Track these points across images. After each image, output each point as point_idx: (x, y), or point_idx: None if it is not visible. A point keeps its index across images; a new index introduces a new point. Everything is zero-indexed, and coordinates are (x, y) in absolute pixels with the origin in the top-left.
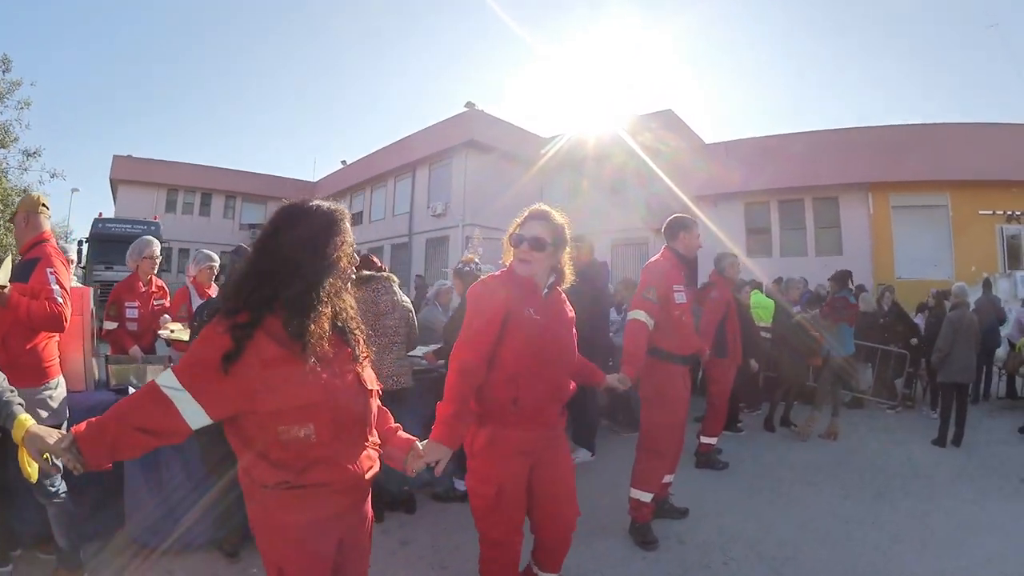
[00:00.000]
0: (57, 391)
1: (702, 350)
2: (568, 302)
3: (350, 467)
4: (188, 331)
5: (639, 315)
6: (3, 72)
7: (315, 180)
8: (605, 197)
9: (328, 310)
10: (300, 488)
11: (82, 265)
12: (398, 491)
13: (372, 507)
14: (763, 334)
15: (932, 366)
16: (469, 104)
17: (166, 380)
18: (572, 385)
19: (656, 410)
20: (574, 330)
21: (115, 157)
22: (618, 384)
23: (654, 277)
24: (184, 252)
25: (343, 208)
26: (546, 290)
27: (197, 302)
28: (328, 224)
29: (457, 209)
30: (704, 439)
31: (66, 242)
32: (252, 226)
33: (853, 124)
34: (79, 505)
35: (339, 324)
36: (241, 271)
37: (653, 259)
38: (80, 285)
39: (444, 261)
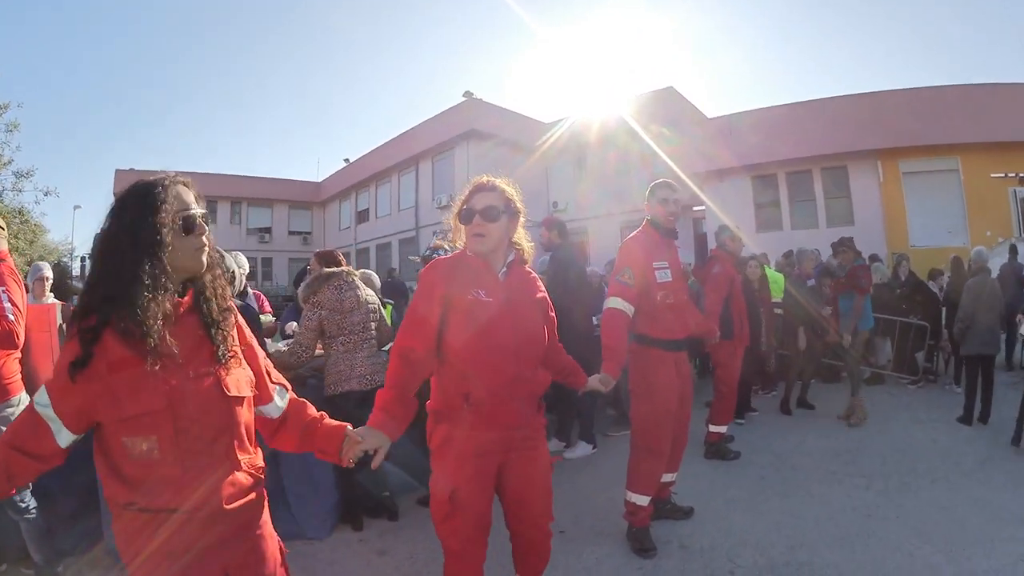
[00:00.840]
0: (19, 408)
1: (710, 331)
2: (539, 283)
3: (201, 492)
4: None
5: (614, 303)
6: None
7: (319, 180)
8: (610, 180)
9: (164, 299)
10: (149, 512)
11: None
12: (379, 496)
13: (350, 514)
14: (775, 310)
15: (955, 338)
16: (467, 93)
17: (39, 397)
18: (544, 377)
19: (644, 402)
20: (551, 314)
21: (117, 171)
22: (600, 386)
23: (629, 256)
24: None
25: (167, 174)
26: (504, 269)
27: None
28: (139, 199)
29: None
30: (712, 427)
31: (69, 260)
32: (261, 230)
33: (858, 91)
34: (55, 519)
35: (205, 318)
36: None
37: (631, 235)
38: (54, 301)
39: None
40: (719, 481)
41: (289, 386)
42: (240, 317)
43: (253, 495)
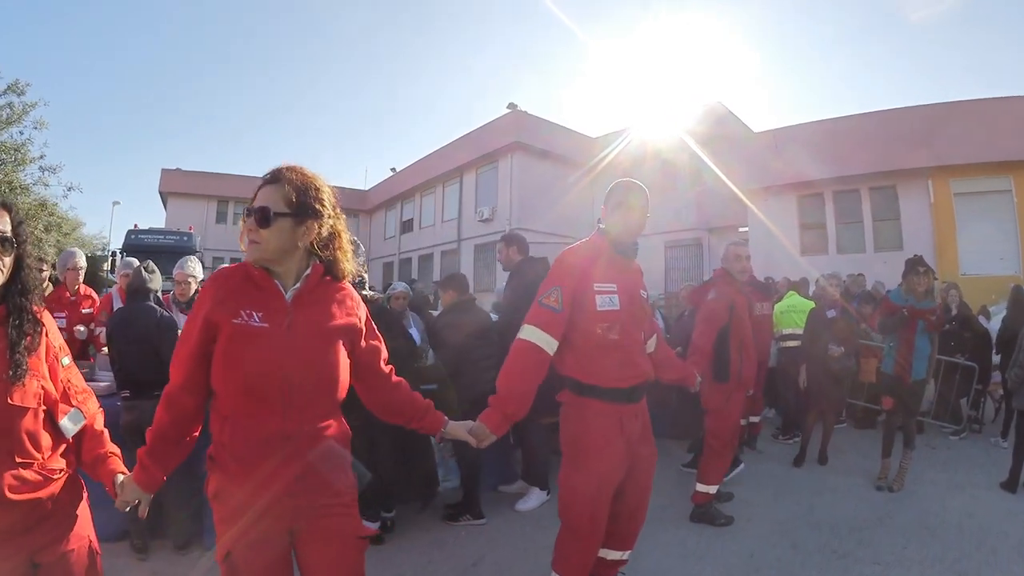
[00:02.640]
0: None
1: (686, 377)
2: (351, 305)
3: None
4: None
5: (526, 332)
6: (18, 96)
7: (367, 188)
8: (657, 197)
9: None
10: None
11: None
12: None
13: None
14: (789, 343)
15: (1008, 385)
16: (511, 105)
17: None
18: (336, 430)
19: (571, 468)
20: (371, 342)
21: (164, 171)
22: (468, 436)
23: (560, 271)
24: (235, 262)
25: None
26: (296, 286)
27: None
28: None
29: (504, 213)
30: (700, 487)
31: (104, 252)
32: None
33: (906, 104)
34: None
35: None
36: None
37: (570, 246)
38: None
39: (492, 267)
40: (695, 554)
41: (90, 412)
42: (51, 329)
43: (43, 492)
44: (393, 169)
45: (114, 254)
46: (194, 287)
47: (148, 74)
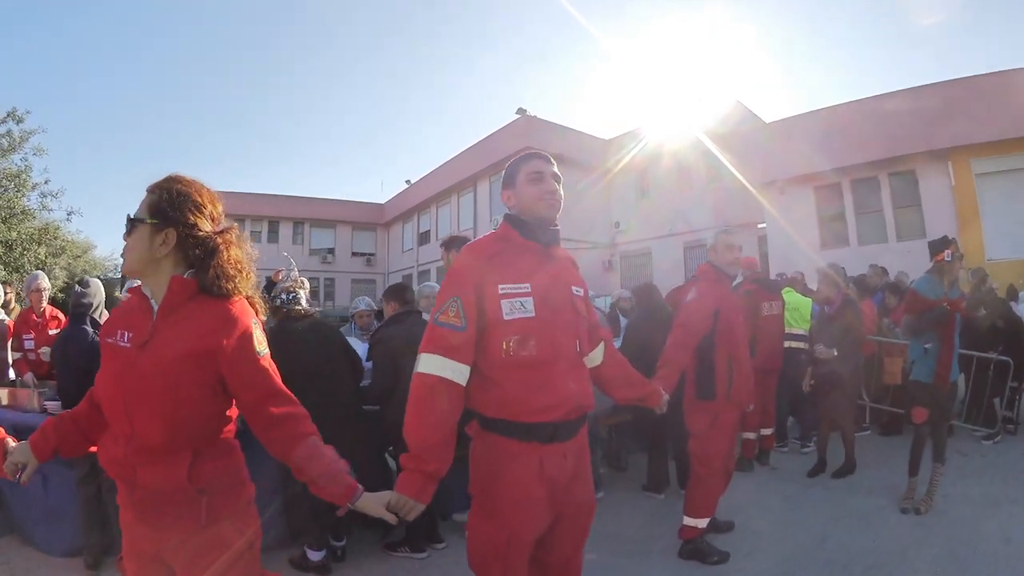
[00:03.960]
0: None
1: (650, 396)
2: (229, 323)
3: None
4: None
5: (426, 365)
6: (17, 123)
7: (383, 202)
8: (674, 199)
9: None
10: None
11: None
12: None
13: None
14: (794, 343)
15: None
16: (520, 111)
17: None
18: (178, 468)
19: (479, 518)
20: (238, 374)
21: None
22: (386, 513)
23: (456, 278)
24: None
25: None
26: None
27: None
28: None
29: None
30: (688, 520)
31: (116, 274)
32: (324, 251)
33: (919, 83)
34: None
35: None
36: None
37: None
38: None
39: None
40: None
41: None
42: None
43: None
44: (408, 181)
45: (124, 276)
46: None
47: (159, 91)
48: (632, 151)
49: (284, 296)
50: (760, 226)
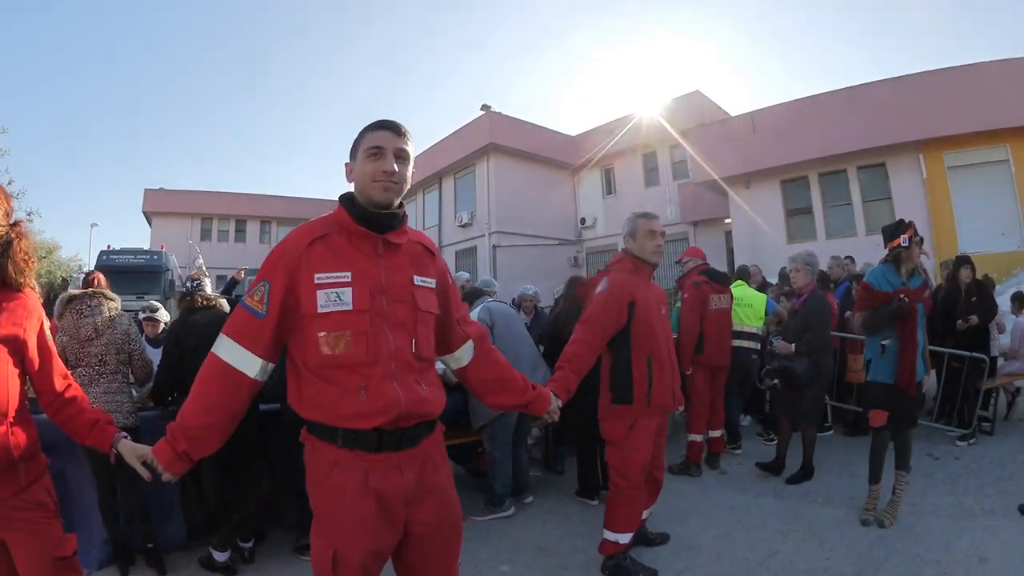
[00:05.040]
0: None
1: (535, 401)
2: (24, 311)
3: None
4: None
5: (219, 347)
6: None
7: None
8: (639, 193)
9: None
10: None
11: None
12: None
13: (119, 556)
14: (744, 343)
15: None
16: (485, 107)
17: None
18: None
19: (313, 531)
20: (35, 356)
21: (146, 191)
22: (139, 466)
23: (270, 261)
24: (221, 279)
25: None
26: None
27: None
28: None
29: (483, 217)
30: (608, 535)
31: (79, 275)
32: None
33: (889, 75)
34: None
35: None
36: None
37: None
38: None
39: (474, 272)
40: None
41: None
42: None
43: None
44: None
45: (87, 274)
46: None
47: (122, 88)
48: (595, 146)
49: (189, 284)
50: (727, 221)
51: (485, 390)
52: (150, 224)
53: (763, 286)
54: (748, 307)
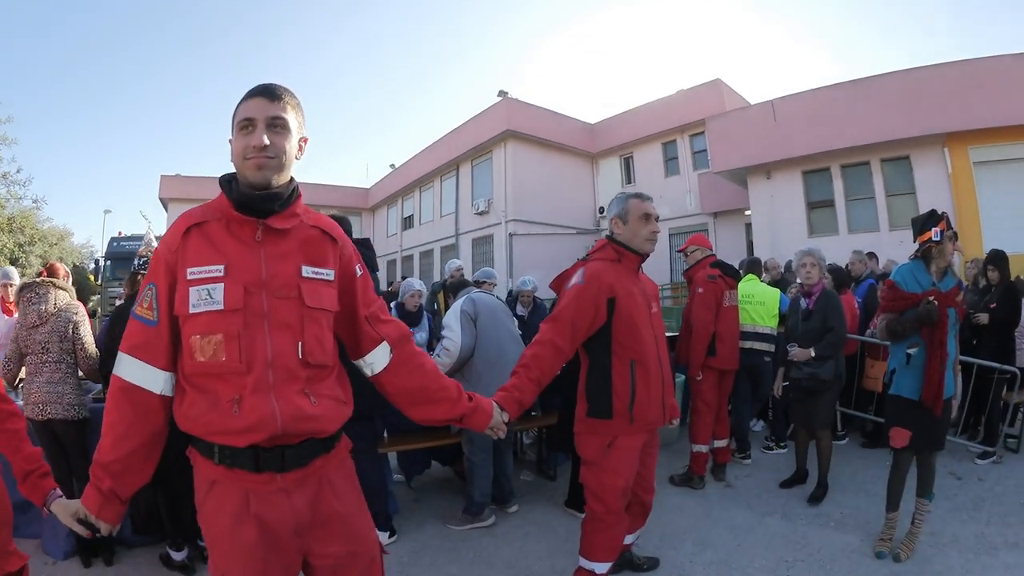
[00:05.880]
0: None
1: (473, 413)
2: None
3: None
4: None
5: (119, 367)
6: None
7: (369, 186)
8: (658, 182)
9: None
10: None
11: (99, 283)
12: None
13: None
14: (756, 344)
15: None
16: (502, 93)
17: None
18: None
19: (210, 562)
20: None
21: (163, 177)
22: (74, 523)
23: (153, 262)
24: None
25: None
26: None
27: (1, 319)
28: None
29: (499, 205)
30: (584, 563)
31: (90, 261)
32: None
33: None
34: None
35: None
36: None
37: None
38: None
39: (490, 261)
40: None
41: None
42: None
43: None
44: (392, 166)
45: (97, 262)
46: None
47: (145, 81)
48: (613, 134)
49: (137, 262)
50: (747, 213)
51: (406, 401)
52: (166, 210)
53: (781, 282)
54: (760, 304)
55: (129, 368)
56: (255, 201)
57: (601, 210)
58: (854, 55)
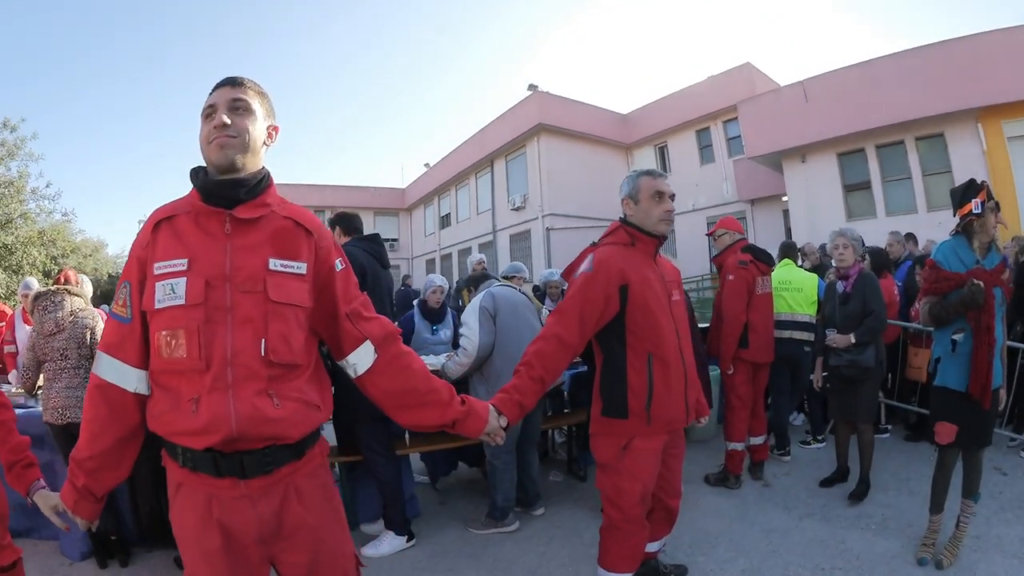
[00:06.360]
0: None
1: (466, 418)
2: None
3: None
4: None
5: (97, 365)
6: (10, 132)
7: (404, 186)
8: (694, 171)
9: None
10: None
11: None
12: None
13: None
14: (795, 333)
15: None
16: (532, 87)
17: None
18: None
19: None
20: None
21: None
22: (54, 516)
23: (128, 259)
24: None
25: None
26: None
27: (23, 329)
28: None
29: (535, 200)
30: (603, 574)
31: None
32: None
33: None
34: None
35: None
36: None
37: None
38: None
39: (529, 257)
40: None
41: None
42: None
43: None
44: (427, 165)
45: None
46: None
47: (172, 87)
48: (646, 123)
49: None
50: (784, 199)
51: (392, 405)
52: None
53: (820, 267)
54: (798, 291)
55: (104, 366)
56: (220, 188)
57: None
58: (896, 28)
